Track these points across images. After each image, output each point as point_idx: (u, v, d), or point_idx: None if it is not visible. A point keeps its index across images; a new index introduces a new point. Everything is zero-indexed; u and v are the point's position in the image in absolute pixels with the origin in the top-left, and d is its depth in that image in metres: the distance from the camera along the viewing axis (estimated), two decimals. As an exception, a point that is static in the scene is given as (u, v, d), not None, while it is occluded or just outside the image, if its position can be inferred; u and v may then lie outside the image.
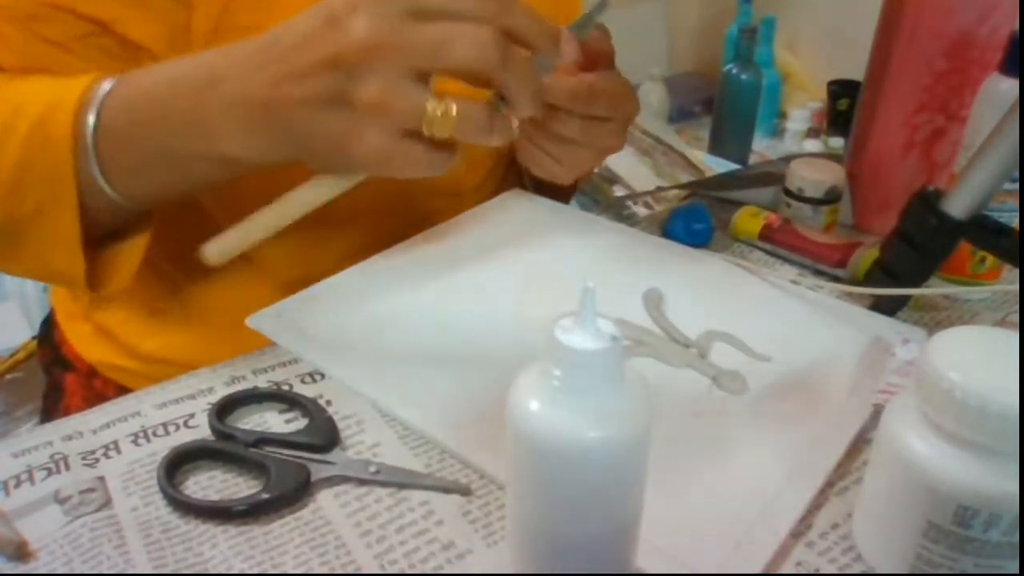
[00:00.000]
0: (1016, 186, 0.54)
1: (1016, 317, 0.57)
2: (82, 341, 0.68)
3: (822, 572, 0.37)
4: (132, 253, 0.51)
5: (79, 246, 0.47)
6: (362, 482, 0.42)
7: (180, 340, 0.64)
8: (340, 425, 0.45)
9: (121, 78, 0.46)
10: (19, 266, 0.51)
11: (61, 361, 0.71)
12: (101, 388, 0.67)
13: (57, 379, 0.71)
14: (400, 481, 0.42)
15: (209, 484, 0.42)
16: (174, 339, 0.64)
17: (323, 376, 0.49)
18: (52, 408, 0.71)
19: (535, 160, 0.61)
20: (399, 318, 0.54)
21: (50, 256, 0.48)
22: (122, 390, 0.65)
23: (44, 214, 0.47)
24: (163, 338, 0.64)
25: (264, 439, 0.43)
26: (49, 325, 0.74)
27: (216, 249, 0.47)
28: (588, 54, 0.54)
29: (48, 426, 0.46)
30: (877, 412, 0.44)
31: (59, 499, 0.41)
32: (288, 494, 0.40)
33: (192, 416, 0.46)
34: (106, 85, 0.45)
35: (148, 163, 0.47)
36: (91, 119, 0.45)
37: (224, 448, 0.43)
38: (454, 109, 0.40)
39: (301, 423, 0.45)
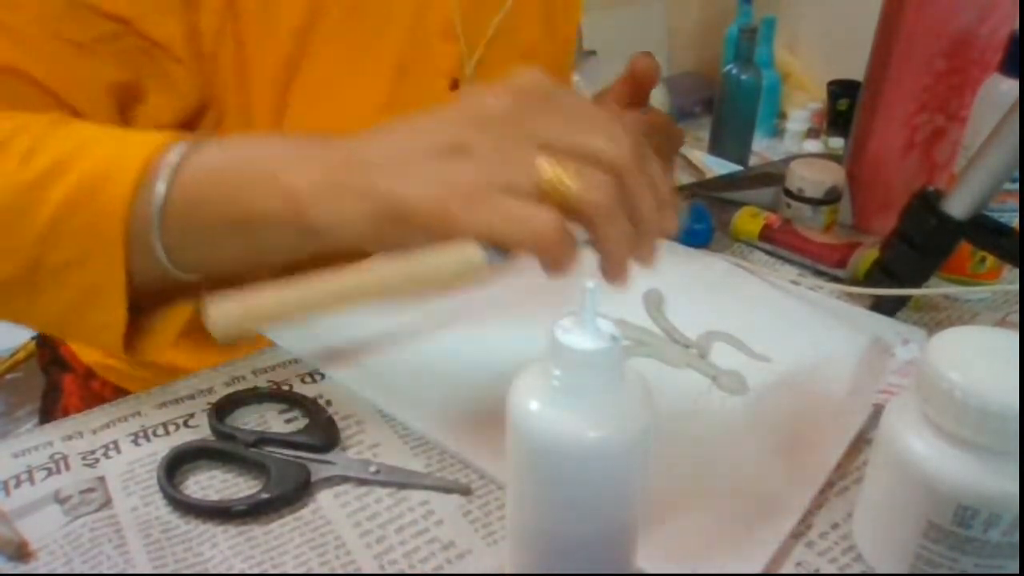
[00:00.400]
0: (1016, 186, 0.54)
1: (1016, 317, 0.57)
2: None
3: (822, 572, 0.37)
4: (173, 320, 0.48)
5: (123, 297, 0.44)
6: (362, 482, 0.42)
7: (176, 345, 0.64)
8: (340, 425, 0.45)
9: (195, 144, 0.43)
10: (38, 318, 0.47)
11: (59, 361, 0.71)
12: (99, 389, 0.67)
13: (55, 379, 0.71)
14: (400, 481, 0.42)
15: (209, 484, 0.42)
16: (174, 345, 0.64)
17: (323, 376, 0.49)
18: (51, 408, 0.71)
19: None
20: (398, 318, 0.54)
21: (86, 307, 0.44)
22: (119, 391, 0.65)
23: (82, 264, 0.43)
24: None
25: (264, 439, 0.43)
26: None
27: (224, 321, 0.37)
28: (636, 76, 0.54)
29: (48, 426, 0.46)
30: (877, 412, 0.44)
31: (59, 499, 0.41)
32: (288, 494, 0.40)
33: (192, 416, 0.46)
34: (176, 151, 0.42)
35: (221, 233, 0.43)
36: (160, 188, 0.41)
37: (224, 448, 0.43)
38: (573, 168, 0.36)
39: (301, 423, 0.45)
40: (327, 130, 0.55)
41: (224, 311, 0.36)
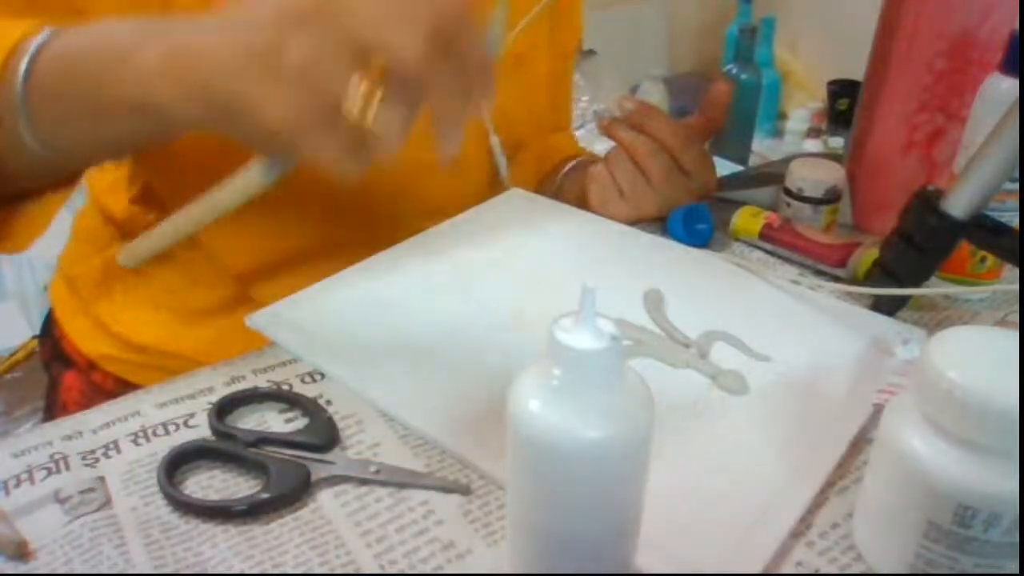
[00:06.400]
0: (1016, 186, 0.54)
1: (1016, 317, 0.57)
2: (81, 335, 0.69)
3: (822, 572, 0.37)
4: (44, 211, 0.52)
5: None
6: (362, 482, 0.42)
7: (177, 333, 0.64)
8: (340, 425, 0.45)
9: (59, 29, 0.45)
10: None
11: (61, 357, 0.71)
12: (100, 381, 0.67)
13: (57, 376, 0.71)
14: (400, 481, 0.42)
15: (209, 484, 0.42)
16: (170, 332, 0.64)
17: (323, 376, 0.49)
18: (53, 406, 0.71)
19: (601, 186, 0.62)
20: (399, 318, 0.54)
21: None
22: (121, 383, 0.66)
23: None
24: (159, 330, 0.64)
25: (264, 439, 0.43)
26: (49, 322, 0.74)
27: (129, 255, 0.49)
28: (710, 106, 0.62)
29: (48, 426, 0.46)
30: (877, 412, 0.44)
31: (59, 499, 0.41)
32: (288, 494, 0.40)
33: (192, 416, 0.46)
34: (43, 35, 0.45)
35: (77, 112, 0.45)
36: (23, 67, 0.44)
37: (224, 448, 0.43)
38: (378, 95, 0.38)
39: (301, 423, 0.45)
40: None
41: (130, 248, 0.49)
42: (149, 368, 0.64)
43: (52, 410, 0.72)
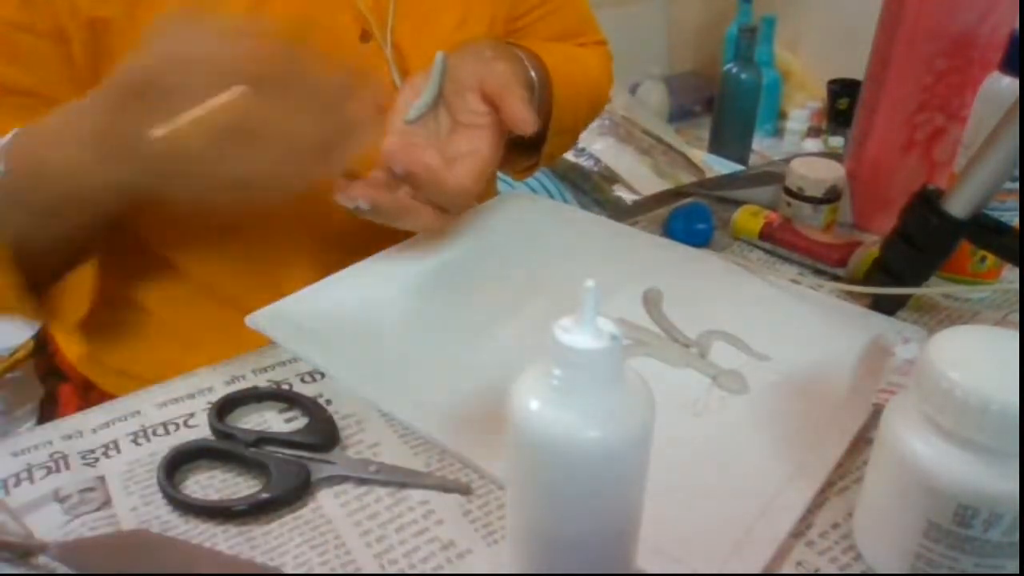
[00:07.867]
0: (1016, 185, 0.54)
1: (1016, 316, 0.57)
2: (73, 351, 0.68)
3: (822, 572, 0.37)
4: (81, 284, 0.55)
5: None
6: (362, 481, 0.42)
7: (174, 359, 0.64)
8: (340, 425, 0.45)
9: (19, 131, 0.48)
10: None
11: (56, 372, 0.70)
12: (97, 401, 0.67)
13: (52, 390, 0.71)
14: (400, 480, 0.42)
15: (209, 484, 0.42)
16: (167, 359, 0.64)
17: (323, 375, 0.49)
18: (49, 417, 0.71)
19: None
20: (399, 318, 0.54)
21: None
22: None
23: None
24: (153, 359, 0.64)
25: (264, 438, 0.43)
26: (42, 337, 0.74)
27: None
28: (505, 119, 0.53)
29: (48, 425, 0.46)
30: (877, 412, 0.44)
31: (59, 498, 0.41)
32: (288, 494, 0.40)
33: (192, 415, 0.46)
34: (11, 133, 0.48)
35: (42, 210, 0.48)
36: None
37: (224, 448, 0.43)
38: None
39: (301, 422, 0.45)
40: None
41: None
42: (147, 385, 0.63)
43: (48, 420, 0.71)
